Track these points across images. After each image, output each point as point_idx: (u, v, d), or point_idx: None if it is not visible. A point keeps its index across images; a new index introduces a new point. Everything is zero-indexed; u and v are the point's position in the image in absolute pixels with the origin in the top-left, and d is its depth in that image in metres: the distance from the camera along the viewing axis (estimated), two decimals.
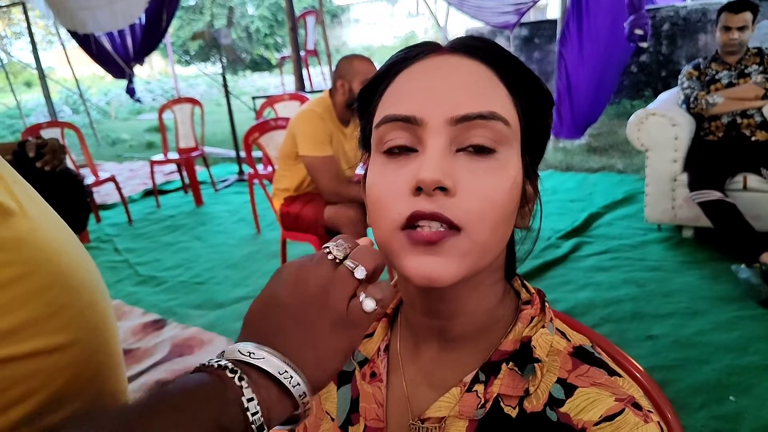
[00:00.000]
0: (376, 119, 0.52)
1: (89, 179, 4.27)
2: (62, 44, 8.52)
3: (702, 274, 2.72)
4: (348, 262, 0.44)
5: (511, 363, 0.52)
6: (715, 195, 2.75)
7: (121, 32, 6.21)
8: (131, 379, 2.28)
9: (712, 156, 2.93)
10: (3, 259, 0.41)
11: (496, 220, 0.47)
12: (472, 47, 0.51)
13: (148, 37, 6.26)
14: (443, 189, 0.46)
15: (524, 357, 0.52)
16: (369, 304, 0.43)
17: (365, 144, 0.56)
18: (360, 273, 0.43)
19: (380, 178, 0.50)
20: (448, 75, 0.50)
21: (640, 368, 0.71)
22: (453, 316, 0.54)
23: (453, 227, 0.46)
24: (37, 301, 0.43)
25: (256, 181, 3.70)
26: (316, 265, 0.44)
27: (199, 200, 4.94)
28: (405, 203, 0.47)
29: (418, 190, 0.46)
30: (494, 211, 0.47)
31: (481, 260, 0.48)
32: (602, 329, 2.29)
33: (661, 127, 3.01)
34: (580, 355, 0.52)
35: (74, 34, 6.16)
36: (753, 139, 2.91)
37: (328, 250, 0.45)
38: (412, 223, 0.46)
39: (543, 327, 0.54)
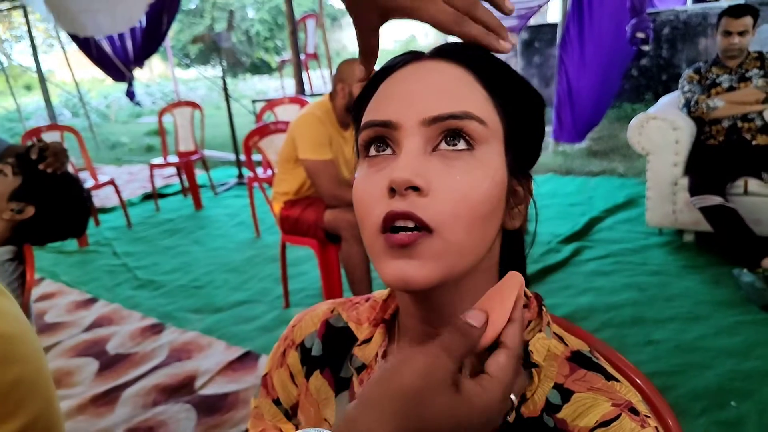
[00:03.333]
0: (360, 126, 0.53)
1: (89, 182, 4.27)
2: (62, 47, 8.53)
3: (703, 278, 2.71)
4: None
5: None
6: (715, 200, 2.74)
7: (121, 35, 6.21)
8: (129, 383, 2.27)
9: (713, 160, 2.92)
10: None
11: (471, 219, 0.47)
12: (451, 51, 0.52)
13: (148, 40, 6.27)
14: (416, 189, 0.46)
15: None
16: None
17: (358, 151, 0.57)
18: None
19: (362, 182, 0.50)
20: (423, 79, 0.50)
21: (641, 373, 0.70)
22: (445, 321, 0.53)
23: (424, 227, 0.45)
24: None
25: (255, 184, 3.69)
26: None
27: (198, 204, 4.94)
28: (382, 205, 0.47)
29: (392, 191, 0.46)
30: (469, 210, 0.47)
31: (458, 262, 0.47)
32: (603, 334, 2.28)
33: (662, 131, 3.01)
34: (577, 359, 0.52)
35: (74, 38, 6.15)
36: (754, 143, 2.91)
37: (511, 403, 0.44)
38: (387, 224, 0.46)
39: (540, 331, 0.53)
